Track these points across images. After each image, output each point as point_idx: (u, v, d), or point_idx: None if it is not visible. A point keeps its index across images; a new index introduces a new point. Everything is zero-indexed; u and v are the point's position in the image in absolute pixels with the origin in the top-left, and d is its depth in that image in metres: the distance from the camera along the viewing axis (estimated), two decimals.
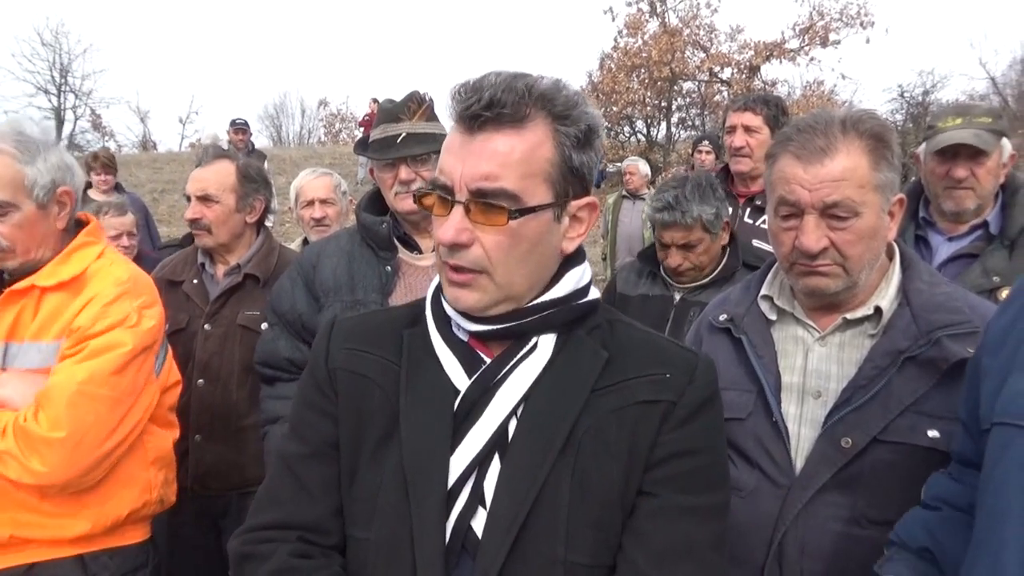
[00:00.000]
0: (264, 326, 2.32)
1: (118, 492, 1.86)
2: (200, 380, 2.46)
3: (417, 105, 2.08)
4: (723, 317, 1.65)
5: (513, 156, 1.00)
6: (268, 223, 3.67)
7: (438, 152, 2.05)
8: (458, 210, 1.02)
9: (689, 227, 2.49)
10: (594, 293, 1.15)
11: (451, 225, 1.01)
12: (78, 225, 1.99)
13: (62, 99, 25.21)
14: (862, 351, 1.49)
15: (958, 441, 1.14)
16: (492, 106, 0.99)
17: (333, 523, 1.10)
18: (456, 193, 1.02)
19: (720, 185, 2.70)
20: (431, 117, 2.10)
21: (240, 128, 9.69)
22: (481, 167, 1.00)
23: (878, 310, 1.50)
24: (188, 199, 2.62)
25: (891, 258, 1.57)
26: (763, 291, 1.63)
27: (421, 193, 1.08)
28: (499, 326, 1.08)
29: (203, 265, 2.67)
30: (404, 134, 2.03)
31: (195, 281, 2.62)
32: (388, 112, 2.10)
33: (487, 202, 1.01)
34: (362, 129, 17.58)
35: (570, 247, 1.11)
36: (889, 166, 1.45)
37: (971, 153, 2.36)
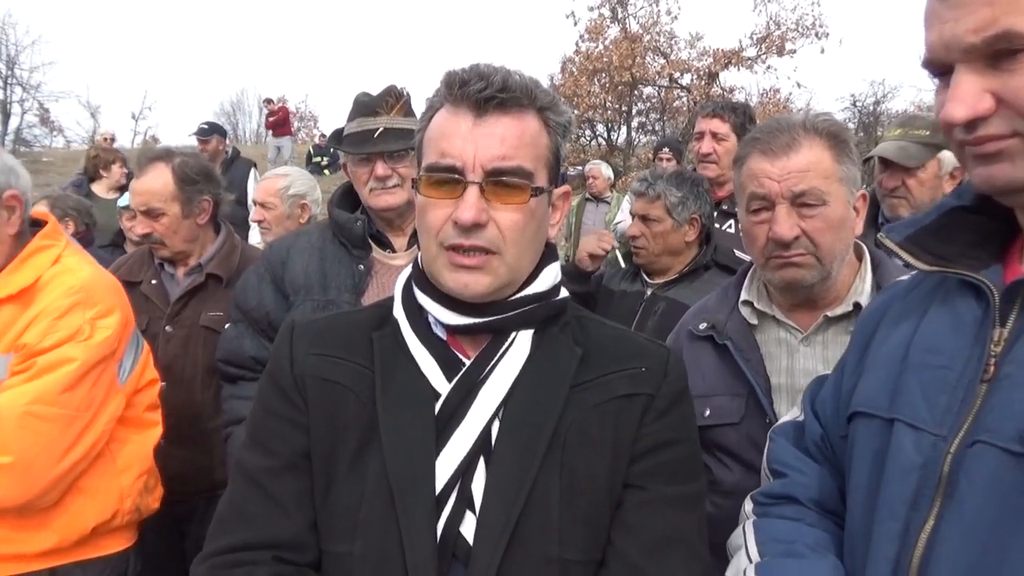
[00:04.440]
0: (227, 325, 2.25)
1: (82, 505, 1.79)
2: (162, 383, 2.37)
3: (395, 100, 2.02)
4: (703, 325, 1.67)
5: (525, 138, 1.04)
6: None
7: (415, 148, 2.03)
8: (474, 190, 1.02)
9: (651, 200, 2.61)
10: (563, 292, 1.17)
11: (471, 205, 1.01)
12: (36, 225, 1.90)
13: (8, 92, 24.30)
14: (845, 347, 1.53)
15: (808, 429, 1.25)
16: (505, 89, 1.02)
17: (308, 539, 1.05)
18: (468, 174, 1.02)
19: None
20: (408, 112, 2.05)
21: (203, 138, 6.89)
22: (496, 148, 1.02)
23: (857, 306, 1.54)
24: (135, 213, 2.54)
25: (860, 258, 1.63)
26: (743, 296, 1.66)
27: (421, 178, 1.07)
28: (483, 320, 1.07)
29: (162, 264, 2.59)
30: (382, 128, 1.98)
31: (153, 281, 2.54)
32: (364, 106, 2.03)
33: (505, 180, 1.02)
34: (269, 132, 16.30)
35: (552, 233, 1.15)
36: (851, 161, 1.53)
37: (900, 165, 2.46)
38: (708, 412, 1.61)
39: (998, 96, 0.82)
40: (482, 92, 1.01)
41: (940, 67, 0.90)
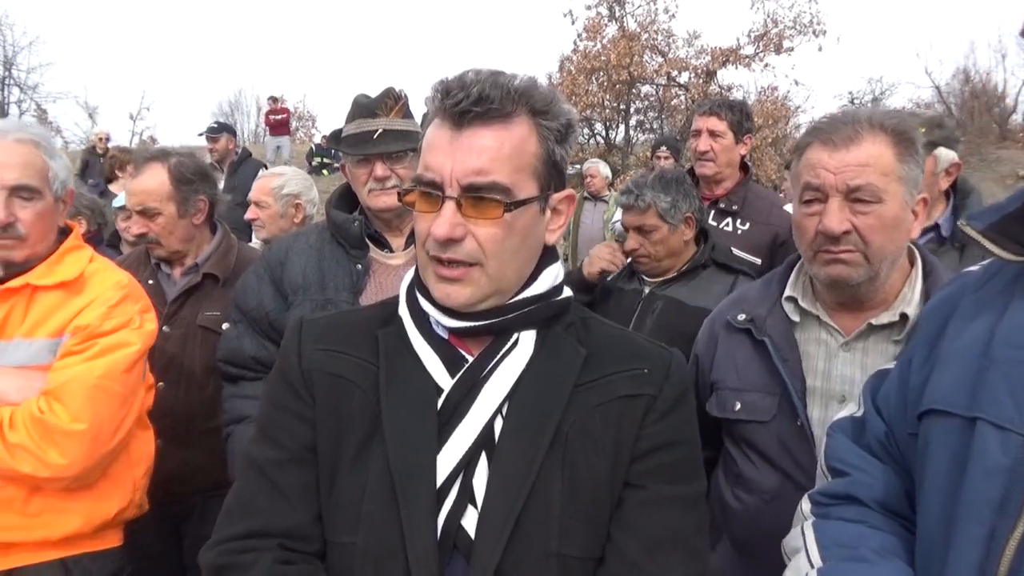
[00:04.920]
0: (226, 325, 2.26)
1: (108, 491, 1.86)
2: (160, 383, 2.38)
3: (394, 101, 2.04)
4: (742, 317, 1.64)
5: (503, 150, 1.02)
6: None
7: (414, 150, 2.04)
8: (450, 205, 1.02)
9: (642, 211, 2.57)
10: (566, 292, 1.17)
11: (445, 220, 1.02)
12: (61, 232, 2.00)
13: (6, 93, 24.21)
14: (887, 357, 1.49)
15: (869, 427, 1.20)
16: (481, 101, 1.00)
17: (313, 529, 1.08)
18: (446, 189, 1.02)
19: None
20: (406, 114, 2.07)
21: (213, 136, 6.68)
22: (472, 162, 1.01)
23: (904, 317, 1.49)
24: (130, 213, 2.57)
25: (912, 264, 1.57)
26: (787, 292, 1.62)
27: (406, 191, 1.07)
28: (482, 323, 1.08)
29: (158, 264, 2.60)
30: (381, 130, 2.00)
31: (150, 281, 2.54)
32: (363, 107, 2.05)
33: (480, 196, 1.02)
34: (267, 129, 16.45)
35: (552, 239, 1.14)
36: (915, 162, 1.47)
37: None
38: (739, 406, 1.59)
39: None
40: (458, 105, 1.01)
41: None
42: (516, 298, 1.10)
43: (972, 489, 0.91)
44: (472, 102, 1.00)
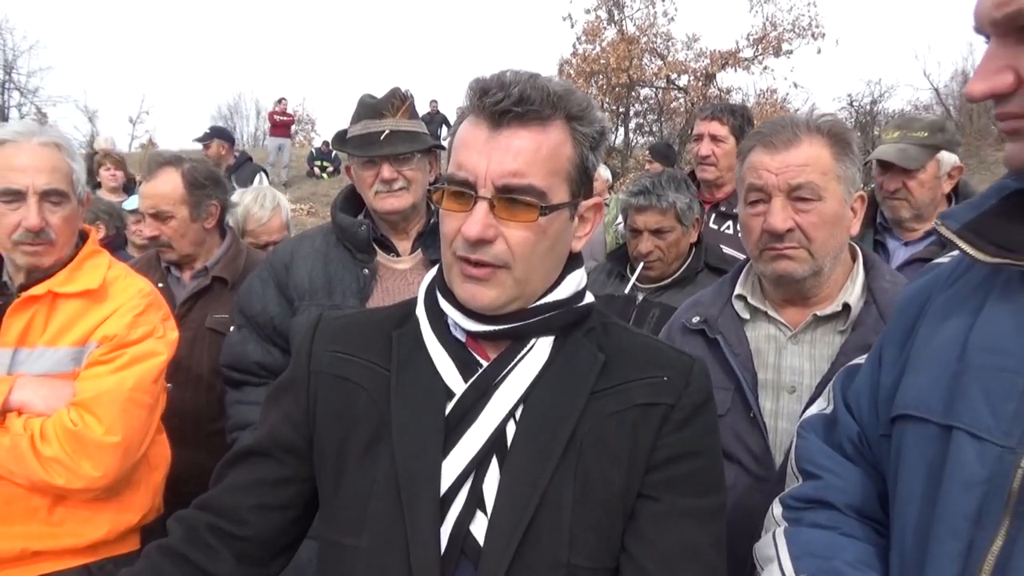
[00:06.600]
0: (232, 329, 2.28)
1: (131, 499, 1.87)
2: (168, 384, 2.40)
3: (400, 101, 2.02)
4: (696, 319, 1.70)
5: (540, 153, 1.00)
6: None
7: (421, 151, 2.04)
8: (483, 206, 1.00)
9: (664, 211, 2.53)
10: (589, 297, 1.15)
11: (476, 220, 0.99)
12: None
13: (6, 97, 24.29)
14: (832, 348, 1.57)
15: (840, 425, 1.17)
16: (522, 102, 0.99)
17: (251, 516, 1.13)
18: (479, 188, 1.00)
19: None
20: (413, 115, 2.06)
21: (205, 142, 6.70)
22: (509, 163, 0.99)
23: (846, 307, 1.57)
24: (143, 216, 2.59)
25: (854, 259, 1.65)
26: (737, 290, 1.69)
27: (435, 189, 1.06)
28: (502, 327, 1.07)
29: (168, 268, 2.63)
30: (388, 131, 1.98)
31: (160, 284, 2.56)
32: (370, 108, 2.03)
33: (515, 198, 1.00)
34: (269, 127, 16.70)
35: (578, 246, 1.12)
36: (851, 162, 1.55)
37: (900, 167, 2.49)
38: None
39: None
40: (498, 105, 0.99)
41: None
42: (538, 303, 1.08)
43: (949, 501, 0.87)
44: (513, 102, 0.98)
